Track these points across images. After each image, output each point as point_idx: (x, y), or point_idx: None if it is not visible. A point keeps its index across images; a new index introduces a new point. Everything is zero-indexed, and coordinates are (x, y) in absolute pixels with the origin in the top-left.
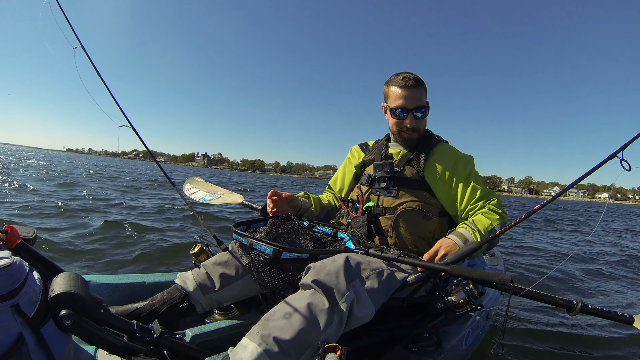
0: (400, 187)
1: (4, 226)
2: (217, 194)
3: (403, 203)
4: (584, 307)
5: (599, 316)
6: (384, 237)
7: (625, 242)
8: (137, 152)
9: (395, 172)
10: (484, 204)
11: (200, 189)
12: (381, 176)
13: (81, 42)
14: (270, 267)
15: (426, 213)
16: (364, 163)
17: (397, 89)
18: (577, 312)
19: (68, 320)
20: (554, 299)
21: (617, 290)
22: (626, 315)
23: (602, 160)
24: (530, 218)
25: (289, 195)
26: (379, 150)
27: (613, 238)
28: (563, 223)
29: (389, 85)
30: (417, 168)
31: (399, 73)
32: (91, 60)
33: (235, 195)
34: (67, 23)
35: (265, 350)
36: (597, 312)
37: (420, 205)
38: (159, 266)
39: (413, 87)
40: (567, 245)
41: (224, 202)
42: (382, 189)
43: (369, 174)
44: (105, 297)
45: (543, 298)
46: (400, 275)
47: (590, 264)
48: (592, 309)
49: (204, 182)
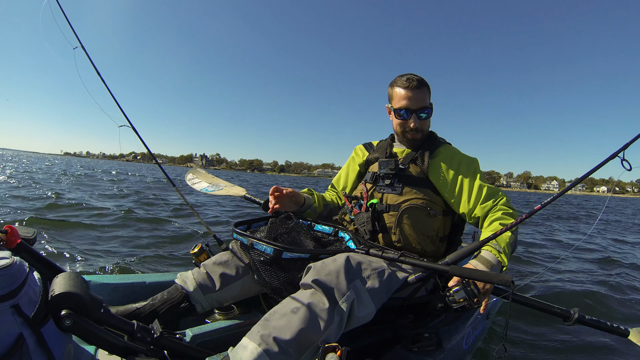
0: (405, 184)
1: (4, 226)
2: (220, 186)
3: (407, 200)
4: (580, 317)
5: (594, 327)
6: (387, 234)
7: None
8: (135, 154)
9: (399, 170)
10: (494, 203)
11: (202, 179)
12: (385, 173)
13: (81, 42)
14: (271, 267)
15: (430, 211)
16: (368, 161)
17: (401, 90)
18: (574, 322)
19: (68, 320)
20: (551, 307)
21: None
22: (622, 328)
23: (603, 160)
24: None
25: (290, 192)
26: (383, 149)
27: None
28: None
29: (393, 86)
30: (421, 166)
31: (402, 74)
32: (91, 60)
33: (238, 188)
34: (67, 23)
35: (265, 350)
36: (594, 323)
37: (425, 203)
38: (158, 266)
39: (417, 88)
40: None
41: (226, 193)
42: (386, 186)
43: (374, 172)
44: (105, 297)
45: (541, 307)
46: (401, 275)
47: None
48: (589, 320)
49: (206, 173)
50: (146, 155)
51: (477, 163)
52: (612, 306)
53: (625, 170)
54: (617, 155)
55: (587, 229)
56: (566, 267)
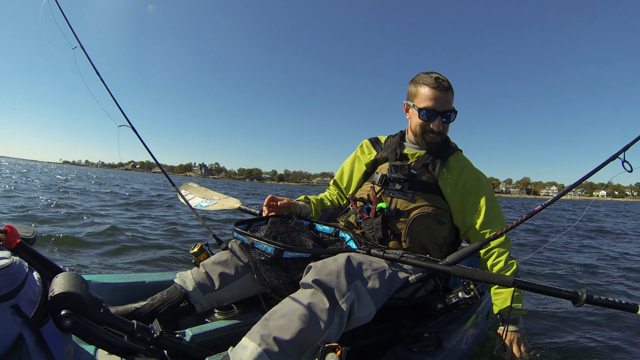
0: (416, 190)
1: (3, 226)
2: (214, 200)
3: (418, 207)
4: (589, 297)
5: (603, 306)
6: (397, 241)
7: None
8: (134, 164)
9: (411, 175)
10: (487, 243)
11: (195, 194)
12: (397, 177)
13: (80, 42)
14: (271, 267)
15: (440, 219)
16: (376, 161)
17: (428, 89)
18: (583, 302)
19: (68, 320)
20: (558, 290)
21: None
22: (630, 304)
23: (604, 162)
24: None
25: (285, 202)
26: (392, 148)
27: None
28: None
29: (418, 84)
30: (432, 173)
31: (429, 72)
32: (90, 60)
33: (232, 200)
34: (67, 24)
35: (265, 350)
36: (602, 302)
37: (435, 211)
38: (158, 266)
39: (446, 89)
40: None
41: (221, 207)
42: (396, 191)
43: (383, 174)
44: (105, 297)
45: (547, 290)
46: (401, 275)
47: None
48: (597, 299)
49: (199, 187)
50: (145, 164)
51: (483, 182)
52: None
53: (626, 172)
54: (617, 156)
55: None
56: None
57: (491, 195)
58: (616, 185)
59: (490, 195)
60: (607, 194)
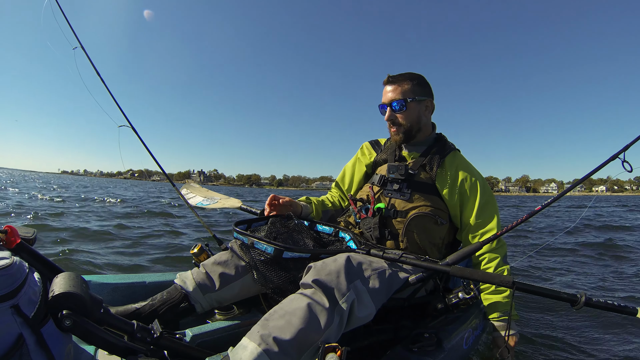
0: (414, 190)
1: (3, 226)
2: (215, 199)
3: (416, 207)
4: (587, 300)
5: (602, 309)
6: (394, 240)
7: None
8: (132, 172)
9: (409, 175)
10: (481, 246)
11: (197, 194)
12: (395, 178)
13: (80, 42)
14: (271, 267)
15: (438, 219)
16: (376, 162)
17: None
18: (582, 305)
19: (68, 321)
20: (557, 293)
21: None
22: (629, 307)
23: (604, 162)
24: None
25: (287, 201)
26: (391, 150)
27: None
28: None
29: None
30: (430, 173)
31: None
32: (90, 60)
33: (233, 199)
34: (67, 24)
35: (265, 350)
36: (601, 305)
37: (433, 211)
38: (158, 266)
39: (387, 82)
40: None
41: (222, 206)
42: (394, 191)
43: (382, 175)
44: (105, 297)
45: (546, 293)
46: (401, 275)
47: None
48: (596, 302)
49: (201, 187)
50: (144, 172)
51: (480, 183)
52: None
53: (626, 172)
54: (617, 156)
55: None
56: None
57: (487, 196)
58: (615, 180)
59: (487, 196)
60: (607, 189)
